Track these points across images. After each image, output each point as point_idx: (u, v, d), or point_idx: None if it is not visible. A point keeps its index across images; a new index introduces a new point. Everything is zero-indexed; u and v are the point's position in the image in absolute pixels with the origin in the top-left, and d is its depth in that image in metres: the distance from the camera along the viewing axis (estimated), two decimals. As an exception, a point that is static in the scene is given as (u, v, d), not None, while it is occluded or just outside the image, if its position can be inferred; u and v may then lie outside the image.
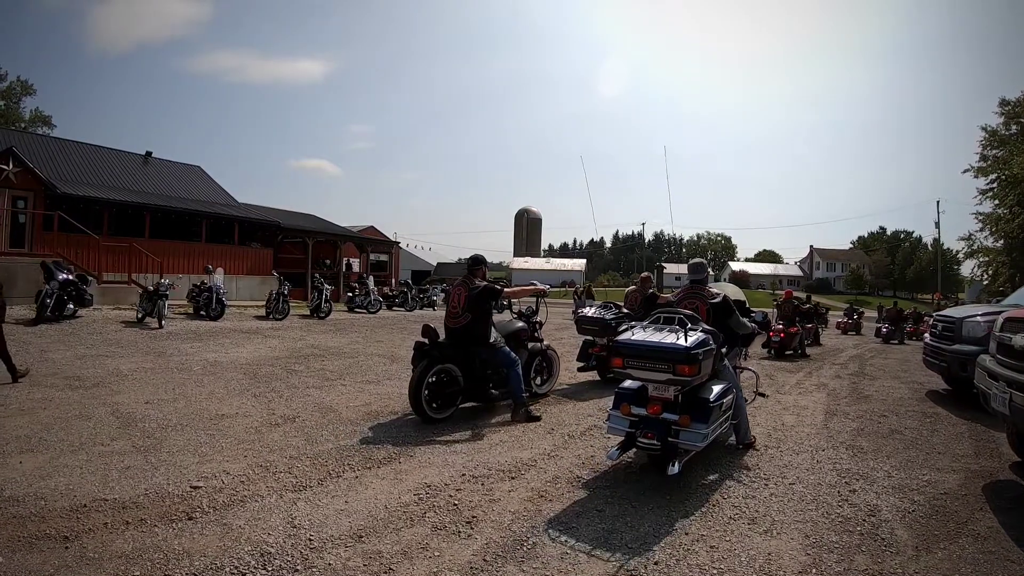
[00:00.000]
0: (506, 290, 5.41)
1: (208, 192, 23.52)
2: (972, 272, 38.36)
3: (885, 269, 72.38)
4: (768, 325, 11.07)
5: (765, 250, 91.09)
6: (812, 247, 77.08)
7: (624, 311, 7.35)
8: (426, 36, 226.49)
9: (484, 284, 5.17)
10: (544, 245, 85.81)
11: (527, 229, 74.71)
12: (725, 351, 4.11)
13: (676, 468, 3.31)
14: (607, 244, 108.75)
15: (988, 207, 34.41)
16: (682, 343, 3.42)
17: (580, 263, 73.36)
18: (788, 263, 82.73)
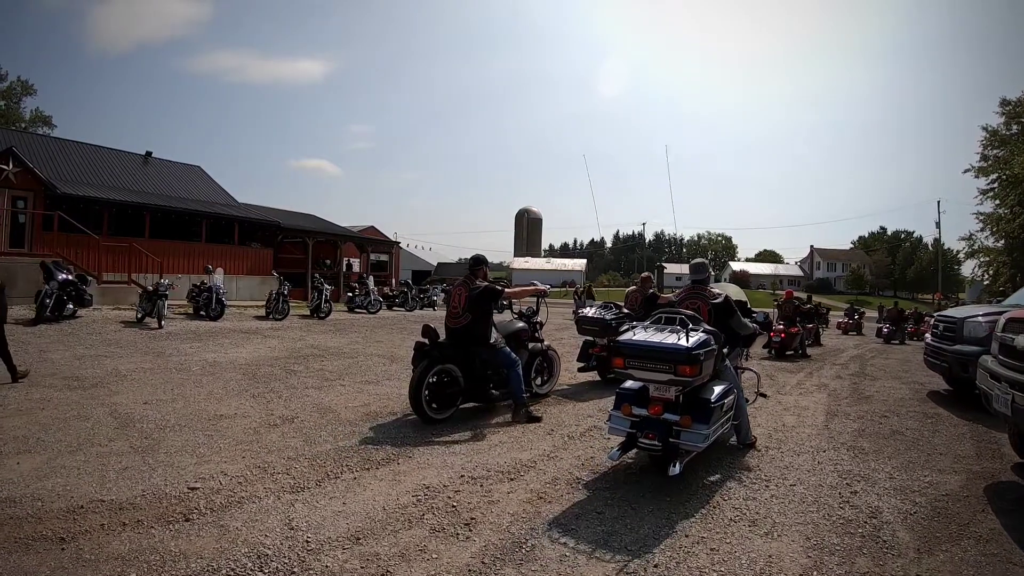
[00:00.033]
0: (507, 290, 5.39)
1: (208, 192, 23.52)
2: (973, 272, 38.35)
3: (886, 269, 72.38)
4: (769, 325, 11.05)
5: (766, 250, 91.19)
6: (812, 247, 77.08)
7: (624, 311, 7.33)
8: (426, 36, 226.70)
9: (485, 284, 5.16)
10: (544, 245, 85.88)
11: (527, 229, 74.68)
12: (726, 351, 4.10)
13: (677, 469, 3.30)
14: (607, 244, 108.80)
15: (989, 207, 34.44)
16: (683, 343, 3.41)
17: (580, 263, 73.36)
18: (789, 263, 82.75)
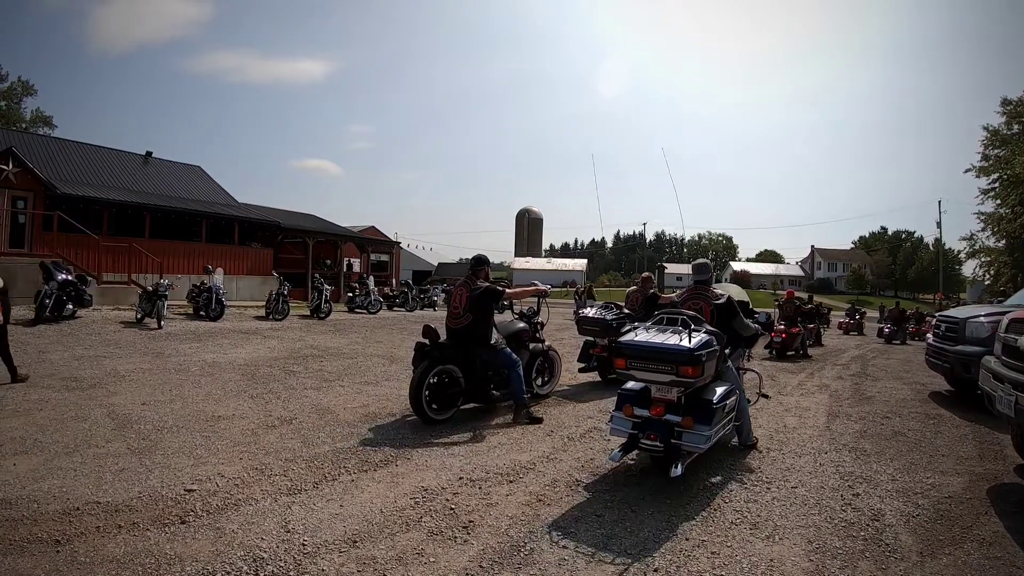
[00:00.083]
0: (508, 291, 5.37)
1: (208, 192, 23.53)
2: (974, 272, 38.34)
3: (887, 269, 72.31)
4: (771, 326, 11.03)
5: (766, 250, 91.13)
6: (813, 247, 77.02)
7: (625, 312, 7.30)
8: (426, 36, 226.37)
9: (486, 285, 5.13)
10: (545, 245, 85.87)
11: (528, 229, 74.67)
12: (728, 352, 4.07)
13: (679, 470, 3.28)
14: (608, 244, 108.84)
15: (990, 207, 34.41)
16: (685, 344, 3.38)
17: (581, 263, 73.33)
18: (789, 263, 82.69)
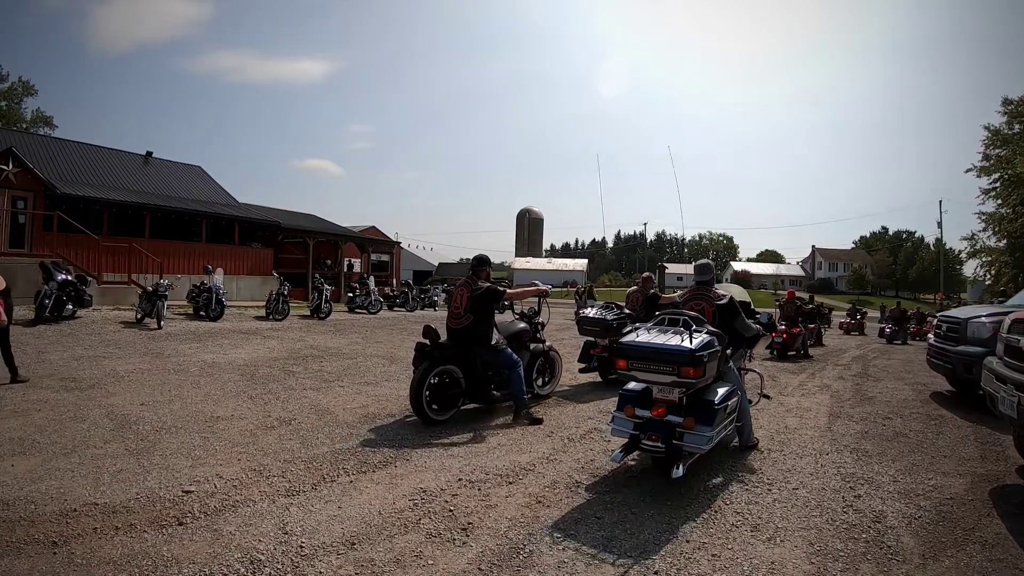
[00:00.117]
0: (509, 291, 5.35)
1: (208, 192, 23.52)
2: (975, 272, 38.22)
3: (887, 269, 72.20)
4: (773, 327, 11.02)
5: (767, 250, 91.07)
6: (814, 247, 76.91)
7: (626, 312, 7.29)
8: (426, 36, 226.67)
9: (487, 285, 5.11)
10: (545, 245, 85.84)
11: (529, 229, 74.65)
12: (730, 353, 4.05)
13: (680, 471, 3.26)
14: (609, 244, 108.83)
15: (991, 207, 34.24)
16: (687, 345, 3.37)
17: (582, 263, 73.33)
18: (790, 263, 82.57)
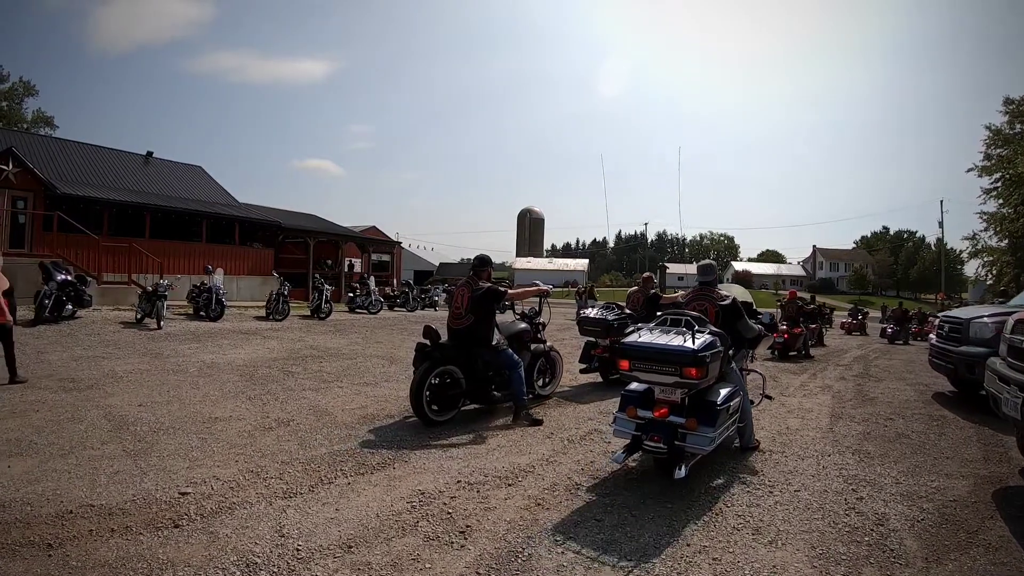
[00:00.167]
0: (510, 291, 5.33)
1: (209, 192, 23.51)
2: (976, 272, 38.23)
3: (888, 269, 72.09)
4: (775, 327, 10.99)
5: (768, 250, 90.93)
6: (815, 247, 76.81)
7: (626, 312, 7.26)
8: (426, 36, 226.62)
9: (488, 285, 5.09)
10: (546, 245, 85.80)
11: (529, 229, 74.68)
12: (732, 353, 4.03)
13: (682, 472, 3.24)
14: (610, 244, 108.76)
15: (992, 206, 34.27)
16: (689, 345, 3.35)
17: (583, 263, 73.32)
18: (791, 263, 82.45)
